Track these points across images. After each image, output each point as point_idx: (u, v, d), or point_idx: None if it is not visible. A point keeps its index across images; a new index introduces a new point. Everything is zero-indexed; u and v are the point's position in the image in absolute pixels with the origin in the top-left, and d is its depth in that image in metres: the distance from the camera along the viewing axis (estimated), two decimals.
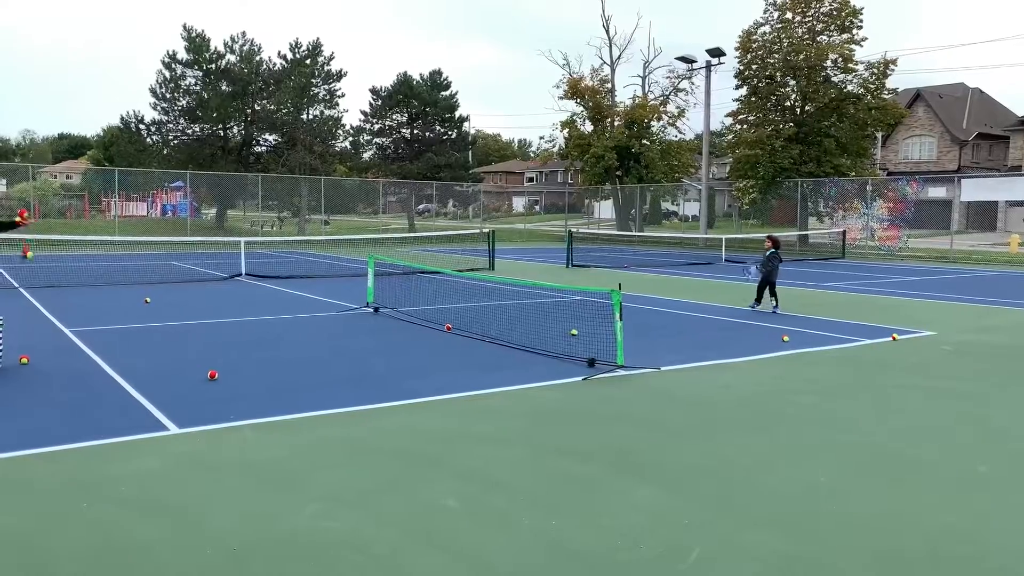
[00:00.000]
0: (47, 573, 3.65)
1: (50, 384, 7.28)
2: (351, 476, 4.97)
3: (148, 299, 13.52)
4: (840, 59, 34.56)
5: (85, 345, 9.18)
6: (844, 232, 31.70)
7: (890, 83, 35.77)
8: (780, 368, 8.59)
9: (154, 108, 41.64)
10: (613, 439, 5.84)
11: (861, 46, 34.96)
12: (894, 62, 34.72)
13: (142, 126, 41.71)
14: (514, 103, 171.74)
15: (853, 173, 35.03)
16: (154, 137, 42.14)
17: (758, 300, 13.39)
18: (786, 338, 10.25)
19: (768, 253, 13.43)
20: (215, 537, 4.02)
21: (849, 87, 35.36)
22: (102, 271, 19.08)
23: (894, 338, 10.51)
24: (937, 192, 42.00)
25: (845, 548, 3.99)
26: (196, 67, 41.37)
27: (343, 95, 46.45)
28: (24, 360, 8.04)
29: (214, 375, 7.48)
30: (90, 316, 11.53)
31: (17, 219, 8.13)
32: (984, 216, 48.15)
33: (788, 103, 36.59)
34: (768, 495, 4.74)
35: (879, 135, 45.57)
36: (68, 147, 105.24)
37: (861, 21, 34.80)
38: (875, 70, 34.88)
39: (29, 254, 21.75)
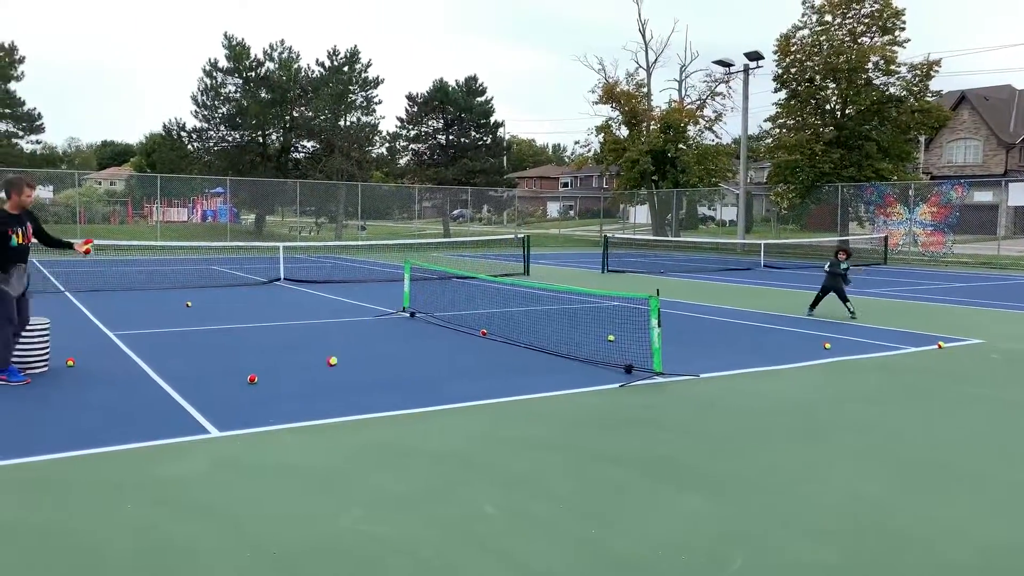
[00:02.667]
0: (92, 573, 3.69)
1: (95, 386, 7.41)
2: (393, 480, 4.97)
3: (189, 303, 13.73)
4: (882, 61, 33.96)
5: (128, 348, 9.34)
6: (886, 237, 31.11)
7: (934, 85, 35.07)
8: (822, 376, 8.43)
9: (195, 116, 42.49)
10: (653, 446, 5.77)
11: (904, 48, 34.34)
12: (938, 63, 34.02)
13: (183, 133, 42.56)
14: (549, 108, 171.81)
15: (895, 177, 34.37)
16: (195, 144, 42.96)
17: (815, 304, 13.32)
18: (828, 345, 10.06)
19: (844, 267, 13.15)
20: (256, 541, 4.04)
21: (891, 90, 34.73)
22: (145, 275, 19.44)
23: (940, 346, 10.26)
24: (983, 196, 41.03)
25: (893, 561, 3.88)
26: (236, 75, 42.09)
27: (380, 102, 47.00)
28: (70, 362, 8.21)
29: (254, 379, 7.55)
30: (133, 320, 11.74)
31: (82, 248, 8.32)
32: None
33: (828, 106, 36.05)
34: (812, 505, 4.63)
35: (922, 138, 44.67)
36: (112, 154, 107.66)
37: (904, 22, 34.18)
38: (918, 72, 34.21)
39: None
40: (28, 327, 7.65)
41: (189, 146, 42.92)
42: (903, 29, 34.27)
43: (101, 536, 4.07)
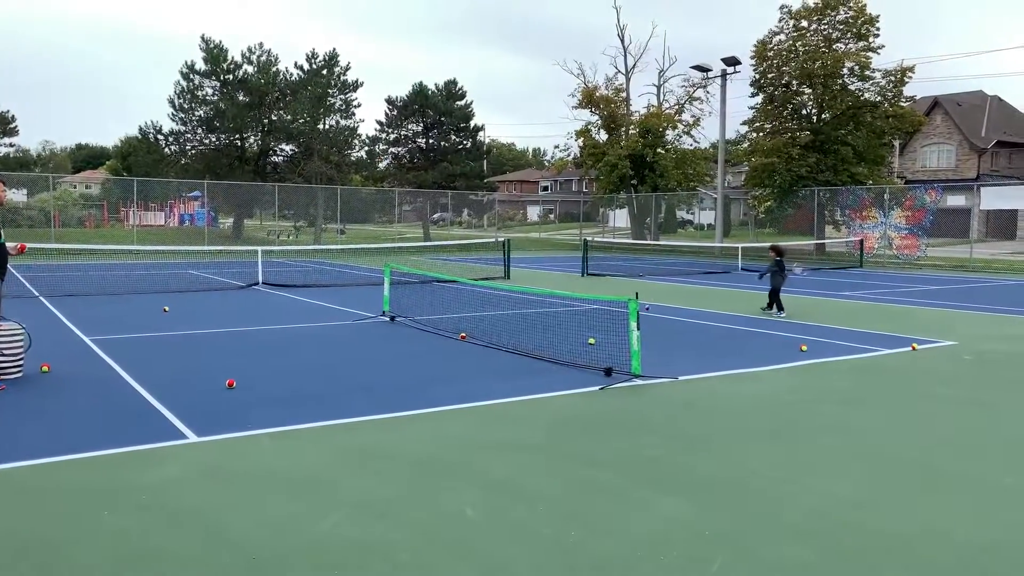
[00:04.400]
0: None
1: (70, 392, 7.33)
2: (372, 484, 4.97)
3: (166, 308, 13.61)
4: (857, 67, 34.41)
5: (104, 353, 9.25)
6: (861, 241, 31.49)
7: (908, 91, 35.62)
8: (799, 378, 8.52)
9: (172, 118, 42.08)
10: (632, 448, 5.81)
11: (878, 54, 34.86)
12: (911, 69, 34.55)
13: (160, 136, 42.13)
14: (529, 112, 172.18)
15: (870, 181, 34.81)
16: (172, 147, 42.54)
17: (779, 307, 13.70)
18: (804, 347, 10.17)
19: (775, 261, 13.93)
20: (235, 546, 4.02)
21: (866, 95, 35.19)
22: (121, 280, 19.24)
23: (914, 348, 10.41)
24: (956, 200, 41.59)
25: (870, 560, 3.94)
26: (214, 78, 41.77)
27: (359, 105, 46.80)
28: (45, 368, 8.11)
29: (232, 383, 7.51)
30: (109, 324, 11.62)
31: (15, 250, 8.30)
32: (1004, 224, 47.63)
33: (804, 111, 36.47)
34: (790, 506, 4.69)
35: (897, 143, 45.29)
36: (86, 157, 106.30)
37: (878, 29, 34.68)
38: (892, 78, 34.71)
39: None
40: (1, 332, 7.56)
41: (166, 149, 42.50)
42: (877, 35, 34.79)
43: (77, 544, 4.04)
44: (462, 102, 51.64)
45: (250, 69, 42.20)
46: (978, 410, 7.18)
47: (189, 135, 42.56)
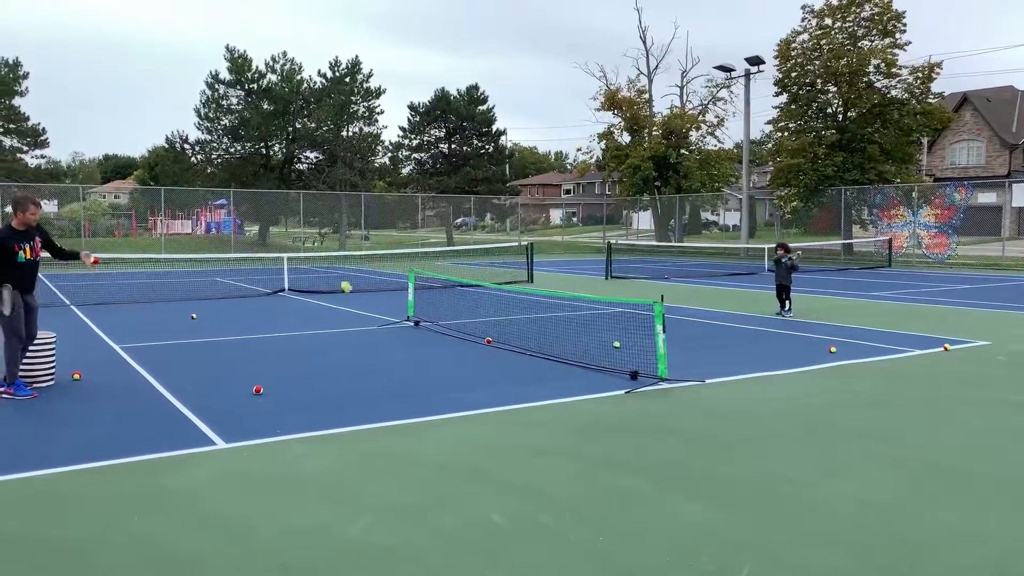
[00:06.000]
0: None
1: (101, 399, 7.43)
2: (400, 489, 4.97)
3: (194, 315, 13.76)
4: (883, 64, 33.98)
5: (134, 361, 9.36)
6: (890, 240, 31.05)
7: (936, 87, 35.08)
8: (828, 380, 8.41)
9: (198, 128, 42.68)
10: (660, 453, 5.77)
11: (904, 50, 34.38)
12: (939, 65, 34.04)
13: (187, 145, 42.72)
14: (551, 115, 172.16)
15: (898, 180, 34.34)
16: (198, 156, 43.13)
17: (780, 304, 13.78)
18: (833, 349, 10.04)
19: (786, 260, 13.83)
20: (265, 551, 4.04)
21: (893, 92, 34.74)
22: (149, 288, 19.49)
23: (946, 348, 10.23)
24: (987, 198, 40.93)
25: (903, 566, 3.87)
26: (239, 87, 42.30)
27: (382, 112, 47.16)
28: (76, 376, 8.23)
29: (259, 390, 7.56)
30: (138, 332, 11.77)
31: (89, 260, 8.29)
32: None
33: (830, 110, 36.08)
34: (819, 511, 4.62)
35: (925, 140, 44.66)
36: (115, 167, 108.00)
37: (904, 25, 34.22)
38: (919, 74, 34.23)
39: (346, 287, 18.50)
40: (34, 341, 7.68)
41: (192, 158, 43.09)
42: (904, 32, 34.32)
43: (108, 548, 4.08)
44: (484, 107, 51.77)
45: (274, 78, 42.70)
46: (1012, 412, 7.03)
47: (215, 144, 43.15)
